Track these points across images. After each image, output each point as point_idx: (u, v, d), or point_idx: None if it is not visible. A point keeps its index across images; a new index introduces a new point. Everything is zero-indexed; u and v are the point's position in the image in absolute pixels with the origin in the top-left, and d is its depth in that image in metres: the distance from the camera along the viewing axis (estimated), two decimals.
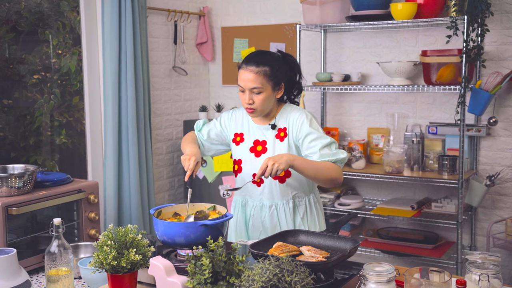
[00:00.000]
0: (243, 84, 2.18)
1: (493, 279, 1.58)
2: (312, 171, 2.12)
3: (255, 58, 2.18)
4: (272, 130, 2.27)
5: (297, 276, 1.45)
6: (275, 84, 2.20)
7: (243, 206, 2.35)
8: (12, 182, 2.30)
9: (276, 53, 2.26)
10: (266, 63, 2.17)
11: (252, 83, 2.15)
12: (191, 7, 4.26)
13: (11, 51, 3.31)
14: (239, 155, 2.32)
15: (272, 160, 2.03)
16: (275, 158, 2.04)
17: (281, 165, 2.02)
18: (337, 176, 2.16)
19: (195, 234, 1.82)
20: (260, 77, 2.15)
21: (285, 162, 2.03)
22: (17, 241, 2.34)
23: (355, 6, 3.55)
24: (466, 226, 3.60)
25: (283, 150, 2.23)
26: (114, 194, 3.37)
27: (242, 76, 2.18)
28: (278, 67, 2.20)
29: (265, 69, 2.16)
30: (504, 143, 3.49)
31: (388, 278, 1.52)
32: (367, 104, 3.88)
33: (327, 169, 2.14)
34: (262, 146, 2.27)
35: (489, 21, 3.36)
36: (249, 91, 2.17)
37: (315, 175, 2.13)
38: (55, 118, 3.55)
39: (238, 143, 2.34)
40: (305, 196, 2.31)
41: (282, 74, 2.22)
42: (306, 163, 2.12)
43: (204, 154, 2.44)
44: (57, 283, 1.71)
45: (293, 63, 2.29)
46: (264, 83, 2.16)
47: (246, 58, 2.21)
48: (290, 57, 2.30)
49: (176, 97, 4.18)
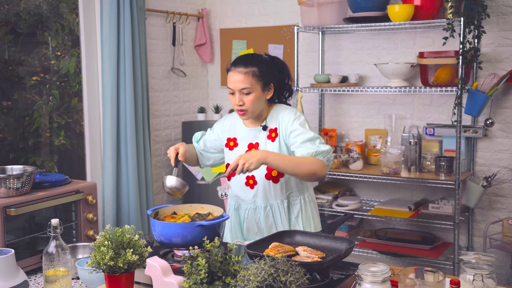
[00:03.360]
0: (232, 86, 2.20)
1: (487, 279, 1.59)
2: (290, 166, 2.10)
3: (243, 60, 2.21)
4: (264, 131, 2.28)
5: (292, 276, 1.46)
6: (264, 84, 2.21)
7: (236, 210, 2.36)
8: (10, 183, 2.31)
9: (263, 55, 2.28)
10: (254, 63, 2.19)
11: (241, 83, 2.17)
12: (190, 9, 4.28)
13: (10, 52, 3.33)
14: (233, 160, 2.31)
15: (243, 159, 2.04)
16: (246, 157, 2.05)
17: (251, 165, 2.03)
18: (317, 170, 2.11)
19: (191, 234, 1.83)
20: (249, 77, 2.17)
21: (256, 162, 2.04)
22: (15, 242, 2.36)
23: (352, 8, 3.57)
24: (463, 227, 3.61)
25: (275, 151, 2.23)
26: (112, 195, 3.38)
27: (231, 78, 2.21)
28: (266, 68, 2.22)
29: (253, 69, 2.18)
30: (501, 144, 3.50)
31: (383, 278, 1.53)
32: (365, 106, 3.89)
33: (306, 163, 2.11)
34: (256, 148, 2.28)
35: (486, 23, 3.37)
36: (239, 92, 2.19)
37: (293, 170, 2.11)
38: (54, 120, 3.57)
39: (232, 148, 2.35)
40: (299, 195, 2.32)
41: (270, 75, 2.23)
42: (281, 159, 2.11)
43: (204, 164, 2.47)
44: (55, 284, 1.72)
45: (281, 65, 2.31)
46: (254, 83, 2.18)
47: (233, 61, 2.24)
48: (277, 59, 2.31)
49: (174, 99, 4.19)
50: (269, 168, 2.23)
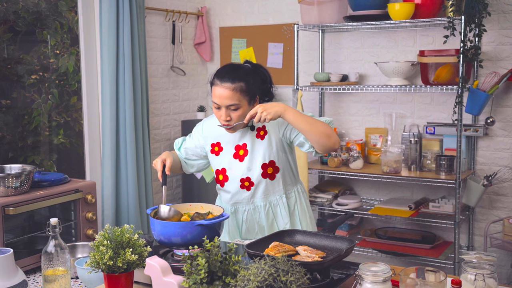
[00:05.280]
0: (219, 101, 2.13)
1: (488, 278, 1.58)
2: (306, 123, 2.08)
3: (229, 74, 2.13)
4: (252, 131, 2.25)
5: (293, 276, 1.45)
6: (251, 98, 2.17)
7: (233, 214, 2.34)
8: (9, 182, 2.30)
9: (247, 66, 2.22)
10: (241, 78, 2.13)
11: (229, 100, 2.11)
12: (189, 7, 4.27)
13: (9, 51, 3.32)
14: (222, 164, 2.30)
15: (262, 108, 2.04)
16: (266, 106, 2.05)
17: (269, 115, 2.03)
18: (331, 133, 2.10)
19: (191, 234, 1.83)
20: (236, 93, 2.11)
21: (274, 113, 2.04)
22: (14, 241, 2.35)
23: (352, 6, 3.56)
24: (464, 226, 3.60)
25: (265, 148, 2.22)
26: (112, 194, 3.37)
27: (217, 93, 2.13)
28: (253, 81, 2.17)
29: (240, 84, 2.12)
30: (502, 143, 3.49)
31: (384, 278, 1.53)
32: (365, 104, 3.88)
33: (320, 124, 2.11)
34: (243, 149, 2.26)
35: (487, 21, 3.36)
36: (225, 108, 2.13)
37: (310, 128, 2.08)
38: (53, 118, 3.55)
39: (217, 153, 2.31)
40: (293, 187, 2.34)
41: (256, 88, 2.19)
42: (299, 115, 2.08)
43: (188, 171, 2.43)
44: (54, 283, 1.71)
45: (264, 74, 2.25)
46: (241, 98, 2.13)
47: (218, 74, 2.16)
48: (261, 68, 2.26)
49: (174, 97, 4.18)
50: (264, 167, 2.23)
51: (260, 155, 2.23)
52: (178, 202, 4.24)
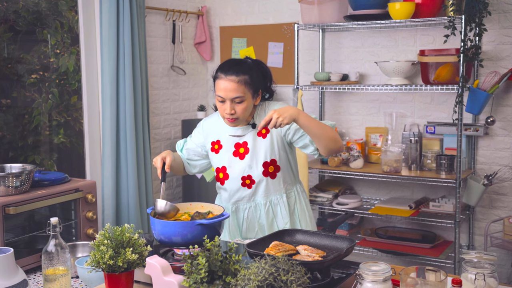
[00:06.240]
0: (223, 94, 2.15)
1: (489, 278, 1.58)
2: (317, 127, 2.10)
3: (234, 67, 2.16)
4: (253, 129, 2.26)
5: (293, 275, 1.45)
6: (254, 91, 2.20)
7: (234, 213, 2.34)
8: (9, 182, 2.30)
9: (249, 61, 2.24)
10: (245, 71, 2.16)
11: (234, 92, 2.13)
12: (190, 6, 4.26)
13: (9, 50, 3.32)
14: (222, 162, 2.30)
15: (278, 113, 2.03)
16: (280, 111, 2.04)
17: (285, 120, 2.03)
18: (337, 137, 2.16)
19: (192, 233, 1.83)
20: (241, 86, 2.14)
21: (289, 117, 2.03)
22: (14, 241, 2.35)
23: (353, 6, 3.56)
24: (464, 226, 3.60)
25: (267, 147, 2.23)
26: (112, 194, 3.37)
27: (222, 86, 2.15)
28: (256, 75, 2.20)
29: (245, 77, 2.14)
30: (502, 143, 3.49)
31: (384, 277, 1.53)
32: (365, 104, 3.88)
33: (329, 128, 2.15)
34: (244, 147, 2.26)
35: (487, 21, 3.36)
36: (230, 101, 2.15)
37: (321, 132, 2.11)
38: (53, 118, 3.55)
39: (217, 151, 2.32)
40: (293, 187, 2.34)
41: (259, 82, 2.22)
42: (311, 119, 2.10)
43: (191, 171, 2.44)
44: (54, 282, 1.71)
45: (265, 70, 2.29)
46: (246, 91, 2.15)
47: (222, 68, 2.18)
48: (261, 64, 2.29)
49: (174, 97, 4.18)
50: (265, 165, 2.23)
51: (261, 154, 2.24)
52: (178, 201, 4.24)
